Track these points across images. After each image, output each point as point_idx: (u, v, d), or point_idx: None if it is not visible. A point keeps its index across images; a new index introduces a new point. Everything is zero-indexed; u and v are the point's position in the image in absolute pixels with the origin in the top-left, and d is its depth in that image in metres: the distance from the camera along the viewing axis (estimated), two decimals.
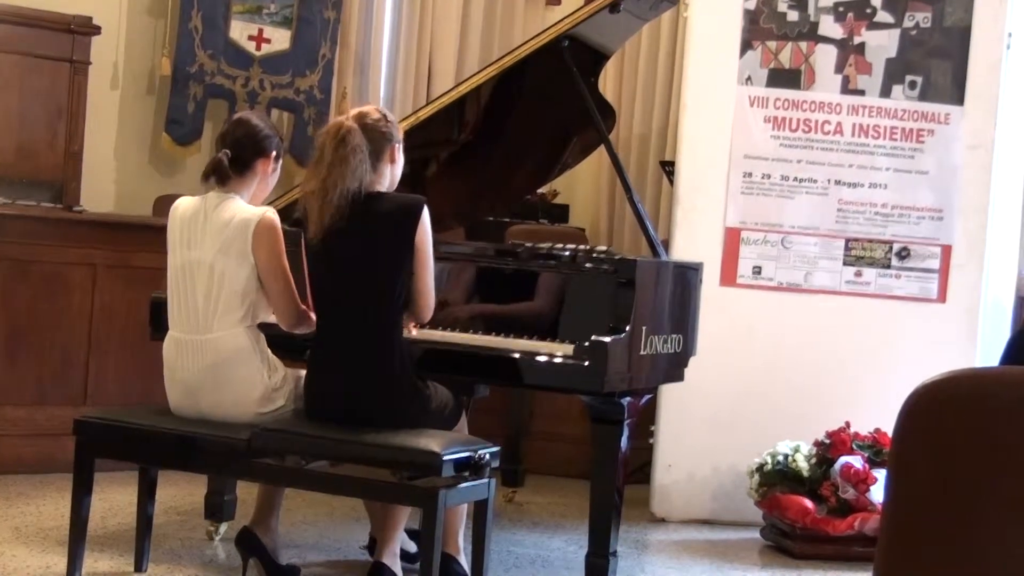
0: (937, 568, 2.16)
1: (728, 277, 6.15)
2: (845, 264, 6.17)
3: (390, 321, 4.25)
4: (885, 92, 6.17)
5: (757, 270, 6.16)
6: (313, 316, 4.39)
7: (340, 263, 4.22)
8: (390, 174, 4.37)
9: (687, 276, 5.08)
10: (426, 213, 4.24)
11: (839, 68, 6.18)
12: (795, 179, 6.17)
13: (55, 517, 5.30)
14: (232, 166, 4.42)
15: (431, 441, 4.07)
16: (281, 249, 4.34)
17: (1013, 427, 2.11)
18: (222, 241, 4.32)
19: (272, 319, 4.46)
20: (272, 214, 4.37)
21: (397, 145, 4.38)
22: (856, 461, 5.61)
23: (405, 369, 4.26)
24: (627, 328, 4.47)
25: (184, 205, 4.46)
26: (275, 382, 4.37)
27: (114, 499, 5.58)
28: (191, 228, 4.39)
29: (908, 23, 6.15)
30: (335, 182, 4.17)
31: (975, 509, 2.13)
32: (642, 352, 4.59)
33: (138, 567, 4.62)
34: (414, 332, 4.46)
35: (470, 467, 4.09)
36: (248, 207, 4.40)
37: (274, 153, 4.54)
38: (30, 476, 5.94)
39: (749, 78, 6.18)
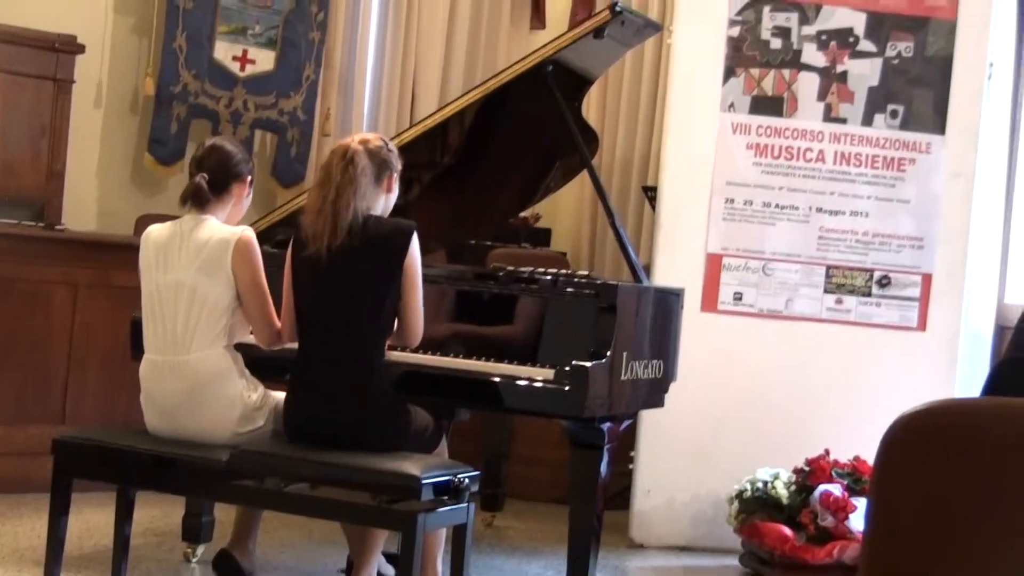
0: None
1: (709, 303, 6.16)
2: (826, 291, 6.18)
3: (373, 344, 4.25)
4: (867, 121, 6.19)
5: (738, 296, 6.18)
6: (285, 334, 4.40)
7: (337, 280, 4.23)
8: (384, 202, 4.39)
9: (668, 301, 5.08)
10: (415, 239, 4.26)
11: (821, 96, 6.21)
12: (777, 206, 6.18)
13: (31, 537, 5.28)
14: (210, 189, 4.45)
15: (411, 464, 4.06)
16: (260, 266, 4.37)
17: (994, 458, 2.11)
18: (201, 261, 4.33)
19: (248, 339, 4.46)
20: (250, 232, 4.40)
21: (395, 175, 4.41)
22: (835, 489, 5.61)
23: (386, 392, 4.26)
24: (608, 353, 4.47)
25: (157, 231, 4.48)
26: (255, 401, 4.37)
27: (91, 520, 5.55)
28: (167, 251, 4.39)
29: (890, 52, 6.18)
30: (347, 203, 4.21)
31: (955, 539, 2.13)
32: (623, 377, 4.59)
33: None
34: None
35: (449, 491, 4.08)
36: (225, 227, 4.43)
37: (249, 177, 4.59)
38: (7, 495, 5.90)
39: (732, 105, 6.20)
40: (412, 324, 4.33)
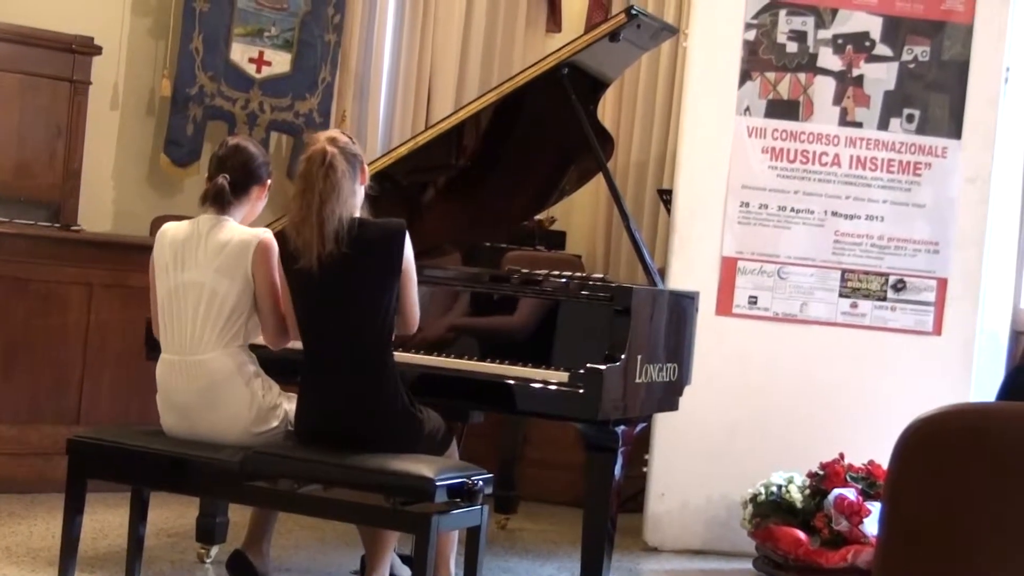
0: None
1: (724, 307, 6.15)
2: (841, 295, 6.17)
3: (380, 347, 4.24)
4: (883, 125, 6.18)
5: (753, 300, 6.17)
6: (291, 334, 4.41)
7: (334, 290, 4.21)
8: (360, 193, 4.35)
9: (683, 305, 5.08)
10: (408, 237, 4.24)
11: (837, 100, 6.20)
12: (792, 210, 6.18)
13: (46, 537, 5.29)
14: (231, 191, 4.44)
15: (424, 466, 4.06)
16: (276, 269, 4.36)
17: (1009, 463, 2.11)
18: (220, 261, 4.34)
19: (260, 340, 4.47)
20: (269, 235, 4.40)
21: (365, 163, 4.37)
22: (850, 493, 5.60)
23: (398, 393, 4.25)
24: (622, 356, 4.47)
25: (174, 229, 4.47)
26: (269, 401, 4.37)
27: (105, 520, 5.56)
28: (184, 251, 4.39)
29: (907, 56, 6.17)
30: (332, 210, 4.15)
31: (970, 543, 2.13)
32: (637, 380, 4.59)
33: None
34: None
35: (463, 493, 4.08)
36: (245, 228, 4.44)
37: (268, 180, 4.60)
38: (21, 495, 5.92)
39: (748, 108, 6.19)
40: (409, 317, 4.34)
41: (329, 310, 4.24)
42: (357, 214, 4.28)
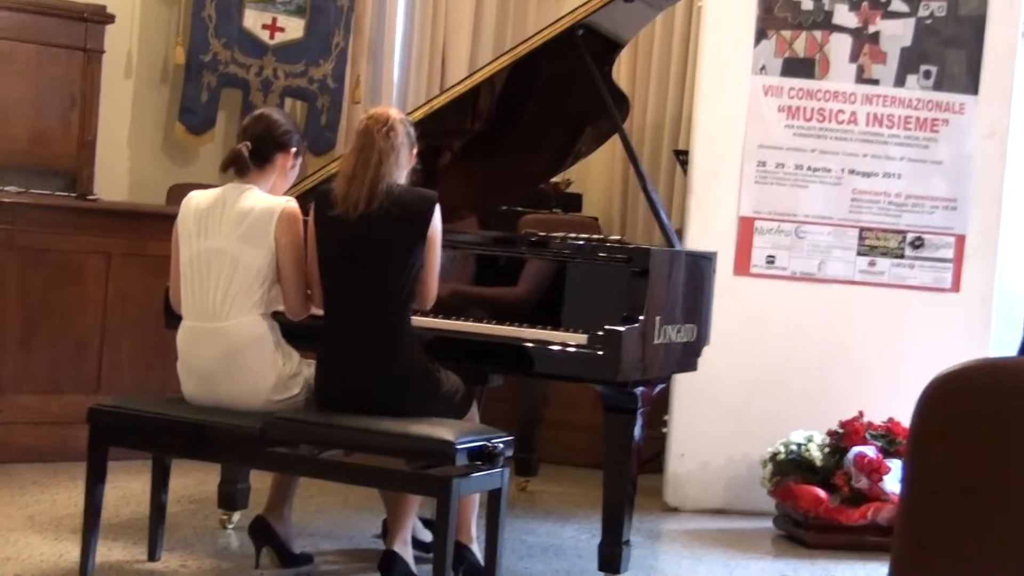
0: (954, 558, 2.16)
1: (742, 266, 6.14)
2: (859, 254, 6.16)
3: (399, 307, 4.26)
4: (899, 81, 6.15)
5: (771, 259, 6.16)
6: (313, 300, 4.42)
7: (364, 243, 4.24)
8: (405, 174, 4.39)
9: (700, 265, 5.07)
10: (438, 207, 4.29)
11: (853, 57, 6.17)
12: (809, 168, 6.16)
13: (68, 505, 5.31)
14: (252, 158, 4.45)
15: (445, 430, 4.07)
16: (301, 237, 4.37)
17: None
18: (244, 228, 4.33)
19: (282, 308, 4.47)
20: (294, 203, 4.40)
21: (415, 150, 4.41)
22: (869, 451, 5.61)
23: (415, 353, 4.27)
24: (641, 317, 4.47)
25: (199, 197, 4.47)
26: (290, 369, 4.37)
27: (127, 488, 5.59)
28: (208, 218, 4.39)
29: (923, 12, 6.14)
30: (389, 170, 4.24)
31: (992, 500, 2.12)
32: (656, 341, 4.59)
33: (151, 556, 4.63)
34: None
35: (484, 456, 4.09)
36: (269, 196, 4.43)
37: (294, 149, 4.57)
38: (44, 464, 5.95)
39: (763, 67, 6.17)
40: (428, 288, 4.36)
41: (356, 264, 4.26)
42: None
